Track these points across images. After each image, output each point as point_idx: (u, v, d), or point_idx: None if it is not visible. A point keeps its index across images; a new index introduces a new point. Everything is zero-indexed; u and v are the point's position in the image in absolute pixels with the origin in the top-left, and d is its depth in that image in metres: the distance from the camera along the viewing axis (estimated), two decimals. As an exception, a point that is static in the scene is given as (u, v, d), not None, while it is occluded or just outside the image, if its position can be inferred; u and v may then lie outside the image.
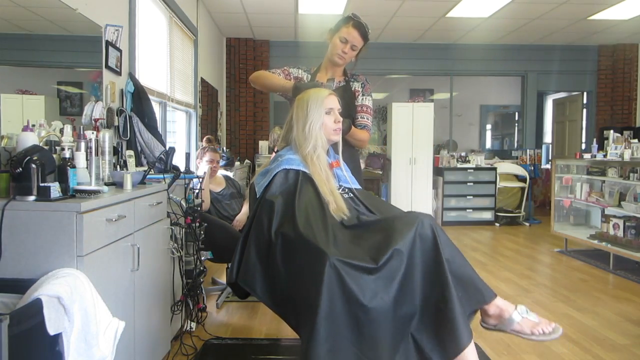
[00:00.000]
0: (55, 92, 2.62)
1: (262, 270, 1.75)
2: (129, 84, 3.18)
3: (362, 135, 2.43)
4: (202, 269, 2.79)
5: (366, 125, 2.47)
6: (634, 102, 7.96)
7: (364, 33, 2.37)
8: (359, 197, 1.97)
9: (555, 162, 5.65)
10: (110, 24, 2.96)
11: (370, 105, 2.50)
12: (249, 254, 1.78)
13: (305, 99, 1.95)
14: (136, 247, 1.98)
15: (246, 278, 1.77)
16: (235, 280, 1.81)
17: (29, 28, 2.44)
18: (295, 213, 1.72)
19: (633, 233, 4.39)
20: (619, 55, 7.88)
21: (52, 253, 1.54)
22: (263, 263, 1.75)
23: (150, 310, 2.22)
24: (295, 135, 1.95)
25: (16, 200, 1.57)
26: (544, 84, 8.20)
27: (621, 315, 3.25)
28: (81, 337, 1.46)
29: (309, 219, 1.70)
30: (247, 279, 1.77)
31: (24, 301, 1.38)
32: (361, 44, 2.41)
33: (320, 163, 1.90)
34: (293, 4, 5.85)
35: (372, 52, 2.26)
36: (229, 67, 7.55)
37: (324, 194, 1.82)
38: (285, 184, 1.86)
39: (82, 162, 1.95)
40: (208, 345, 2.70)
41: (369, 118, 2.48)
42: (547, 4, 5.82)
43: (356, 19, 2.37)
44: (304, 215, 1.71)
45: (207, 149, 3.67)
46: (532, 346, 2.71)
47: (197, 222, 2.71)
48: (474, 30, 7.01)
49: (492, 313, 1.73)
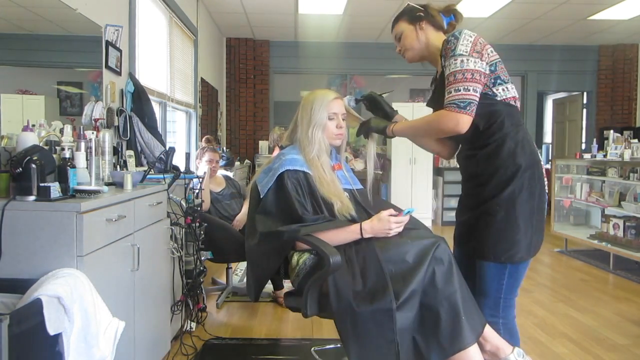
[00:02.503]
0: (55, 92, 2.62)
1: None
2: (129, 84, 3.18)
3: (425, 123, 1.86)
4: (202, 269, 2.79)
5: (448, 101, 1.69)
6: (634, 102, 7.96)
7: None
8: (359, 199, 1.99)
9: (555, 162, 5.65)
10: (110, 24, 2.96)
11: (447, 72, 1.71)
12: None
13: (311, 100, 1.94)
14: (136, 247, 1.97)
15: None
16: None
17: (29, 28, 2.44)
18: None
19: (633, 233, 4.39)
20: (619, 55, 7.87)
21: (52, 253, 1.54)
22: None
23: (150, 310, 2.21)
24: (299, 137, 1.95)
25: (16, 200, 1.57)
26: (544, 84, 8.20)
27: (621, 315, 3.25)
28: (81, 337, 1.46)
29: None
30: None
31: (24, 301, 1.38)
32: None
33: (324, 167, 1.90)
34: (293, 4, 5.85)
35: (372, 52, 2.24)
36: (229, 67, 7.55)
37: (329, 195, 1.83)
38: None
39: (82, 162, 1.95)
40: (208, 345, 2.70)
41: (451, 89, 1.68)
42: (547, 4, 5.82)
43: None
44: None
45: (206, 149, 3.67)
46: (532, 346, 2.71)
47: (197, 222, 2.71)
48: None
49: (488, 349, 1.72)
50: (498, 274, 1.74)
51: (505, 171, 1.71)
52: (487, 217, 1.72)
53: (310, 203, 1.84)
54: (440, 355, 1.60)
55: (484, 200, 1.74)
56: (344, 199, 1.87)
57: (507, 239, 1.70)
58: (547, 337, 2.87)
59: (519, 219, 1.69)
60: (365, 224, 1.79)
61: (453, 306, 1.61)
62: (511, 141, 1.72)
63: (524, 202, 1.70)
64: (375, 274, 1.67)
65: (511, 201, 1.69)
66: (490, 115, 1.73)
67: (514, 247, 1.70)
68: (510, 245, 1.70)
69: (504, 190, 1.70)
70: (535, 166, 1.73)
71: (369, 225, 1.78)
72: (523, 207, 1.70)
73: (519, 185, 1.69)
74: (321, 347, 2.56)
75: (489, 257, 1.73)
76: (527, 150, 1.73)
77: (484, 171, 1.75)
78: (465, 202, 1.88)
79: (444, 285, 1.63)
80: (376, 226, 1.77)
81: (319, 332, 2.89)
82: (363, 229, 1.77)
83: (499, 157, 1.72)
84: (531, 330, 2.98)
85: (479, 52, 1.70)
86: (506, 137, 1.72)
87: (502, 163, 1.71)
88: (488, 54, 1.73)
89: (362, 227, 1.77)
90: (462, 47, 1.70)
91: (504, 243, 1.70)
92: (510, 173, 1.70)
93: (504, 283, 1.75)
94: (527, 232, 1.71)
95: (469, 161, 1.83)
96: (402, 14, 1.91)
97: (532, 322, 3.10)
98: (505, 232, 1.70)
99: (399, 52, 1.95)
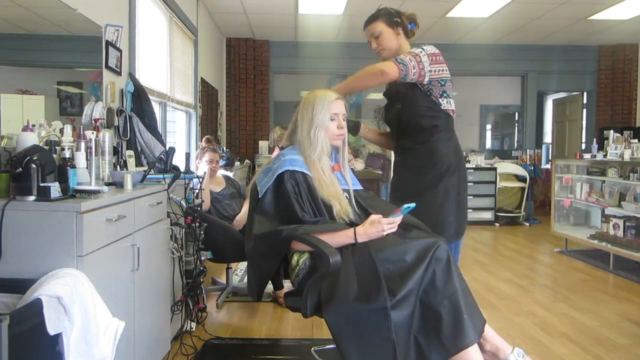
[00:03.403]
0: (55, 92, 2.62)
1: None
2: (129, 84, 3.18)
3: (361, 71, 2.09)
4: (202, 269, 2.79)
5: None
6: (634, 102, 7.96)
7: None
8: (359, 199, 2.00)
9: (555, 162, 5.65)
10: (110, 24, 2.96)
11: (411, 51, 2.11)
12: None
13: (311, 102, 1.93)
14: (136, 247, 1.97)
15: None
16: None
17: (29, 28, 2.44)
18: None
19: (633, 233, 4.39)
20: (619, 55, 7.88)
21: (52, 253, 1.54)
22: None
23: (150, 310, 2.21)
24: (299, 138, 1.93)
25: (16, 200, 1.57)
26: (544, 84, 8.20)
27: (621, 315, 3.25)
28: (81, 337, 1.46)
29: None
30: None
31: (24, 301, 1.38)
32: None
33: (324, 169, 1.90)
34: (293, 4, 5.85)
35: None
36: (229, 67, 7.56)
37: (328, 197, 1.83)
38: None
39: (82, 162, 1.96)
40: (208, 345, 2.70)
41: (399, 57, 2.07)
42: (547, 4, 5.82)
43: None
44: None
45: (206, 149, 3.67)
46: (532, 346, 2.71)
47: (197, 222, 2.71)
48: (474, 30, 7.01)
49: (488, 350, 1.72)
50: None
51: (441, 167, 2.14)
52: (427, 204, 2.08)
53: (308, 204, 1.84)
54: (442, 354, 1.59)
55: (424, 188, 2.14)
56: (343, 201, 1.88)
57: (442, 222, 2.11)
58: (547, 337, 2.87)
59: (451, 205, 2.14)
60: (359, 228, 1.79)
61: (455, 305, 1.61)
62: (447, 143, 2.17)
63: (454, 193, 2.15)
64: (370, 274, 1.67)
65: (446, 191, 2.13)
66: (433, 118, 2.16)
67: (447, 229, 2.11)
68: (443, 227, 2.09)
69: (440, 181, 2.13)
70: (462, 166, 2.23)
71: (362, 230, 1.79)
72: (453, 197, 2.14)
73: (452, 181, 2.15)
74: (321, 347, 2.55)
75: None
76: (458, 153, 2.20)
77: (424, 163, 2.16)
78: (399, 188, 2.28)
79: (444, 285, 1.64)
80: (369, 229, 1.78)
81: (319, 332, 2.89)
82: (357, 234, 1.78)
83: (437, 153, 2.15)
84: (531, 330, 2.98)
85: (435, 61, 2.12)
86: (442, 138, 2.16)
87: (439, 160, 2.14)
88: (442, 69, 2.14)
89: (356, 232, 1.78)
90: (427, 47, 2.13)
91: (440, 224, 2.08)
92: (444, 169, 2.14)
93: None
94: (457, 217, 2.16)
95: (408, 152, 2.23)
96: (379, 15, 2.21)
97: (532, 322, 3.10)
98: (441, 215, 2.12)
99: (375, 49, 2.23)
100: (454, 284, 1.65)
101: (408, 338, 1.61)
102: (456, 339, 1.59)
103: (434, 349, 1.60)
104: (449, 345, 1.59)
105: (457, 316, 1.60)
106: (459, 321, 1.60)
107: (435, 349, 1.60)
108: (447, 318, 1.60)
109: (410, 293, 1.62)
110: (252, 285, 1.99)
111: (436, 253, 1.68)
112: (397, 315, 1.59)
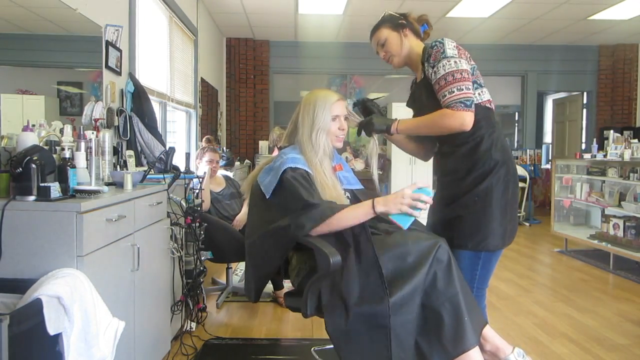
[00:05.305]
0: (55, 92, 2.62)
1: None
2: (129, 84, 3.18)
3: (430, 121, 1.84)
4: (202, 269, 2.79)
5: (445, 103, 1.78)
6: (634, 102, 7.96)
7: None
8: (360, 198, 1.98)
9: (555, 162, 5.65)
10: (110, 24, 2.96)
11: (443, 73, 1.79)
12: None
13: (313, 102, 1.89)
14: (136, 247, 1.97)
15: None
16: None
17: (29, 28, 2.44)
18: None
19: (633, 233, 4.39)
20: (619, 55, 7.88)
21: (52, 253, 1.54)
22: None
23: (150, 310, 2.21)
24: (300, 138, 1.89)
25: (16, 200, 1.57)
26: (544, 84, 8.20)
27: (621, 315, 3.25)
28: (81, 337, 1.46)
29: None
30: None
31: (24, 301, 1.38)
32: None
33: (326, 170, 1.88)
34: (293, 4, 5.85)
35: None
36: (229, 67, 7.56)
37: (330, 199, 1.82)
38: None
39: (82, 162, 1.96)
40: (208, 345, 2.70)
41: (445, 93, 1.78)
42: (547, 4, 5.82)
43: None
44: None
45: (206, 149, 3.67)
46: (532, 346, 2.71)
47: (197, 222, 2.71)
48: (474, 30, 7.01)
49: (488, 350, 1.71)
50: (472, 264, 1.84)
51: (482, 166, 1.83)
52: (465, 209, 1.83)
53: (315, 193, 1.78)
54: (443, 357, 1.59)
55: (463, 192, 1.85)
56: (345, 203, 1.87)
57: (484, 228, 1.81)
58: (547, 337, 2.87)
59: (495, 209, 1.82)
60: (379, 198, 1.72)
61: (456, 308, 1.60)
62: (488, 139, 1.85)
63: (499, 194, 1.82)
64: (373, 277, 1.65)
65: (488, 193, 1.81)
66: None
67: (490, 236, 1.82)
68: (486, 234, 1.81)
69: (481, 183, 1.82)
70: (508, 162, 1.87)
71: (382, 198, 1.71)
72: (498, 199, 1.82)
73: (495, 179, 1.82)
74: (321, 347, 2.56)
75: (466, 246, 1.82)
76: (501, 148, 1.87)
77: (462, 166, 1.87)
78: (442, 196, 1.96)
79: (445, 287, 1.63)
80: (389, 198, 1.69)
81: (319, 332, 2.89)
82: (375, 202, 1.69)
83: (477, 153, 1.84)
84: (531, 330, 2.98)
85: (465, 55, 1.85)
86: (483, 135, 1.85)
87: (479, 159, 1.84)
88: (468, 59, 1.87)
89: (375, 201, 1.70)
90: (450, 50, 1.81)
91: (482, 231, 1.81)
92: (487, 168, 1.83)
93: (477, 274, 1.86)
94: (502, 221, 1.83)
95: (448, 158, 1.95)
96: (383, 21, 2.03)
97: (532, 322, 3.10)
98: (482, 222, 1.82)
99: (383, 58, 2.03)
100: (455, 286, 1.64)
101: (409, 342, 1.61)
102: (457, 342, 1.58)
103: (435, 352, 1.59)
104: (450, 348, 1.58)
105: (458, 319, 1.59)
106: (460, 324, 1.59)
107: (437, 352, 1.59)
108: (448, 321, 1.59)
109: (412, 296, 1.61)
110: (250, 285, 1.97)
111: (437, 254, 1.67)
112: (399, 319, 1.59)
